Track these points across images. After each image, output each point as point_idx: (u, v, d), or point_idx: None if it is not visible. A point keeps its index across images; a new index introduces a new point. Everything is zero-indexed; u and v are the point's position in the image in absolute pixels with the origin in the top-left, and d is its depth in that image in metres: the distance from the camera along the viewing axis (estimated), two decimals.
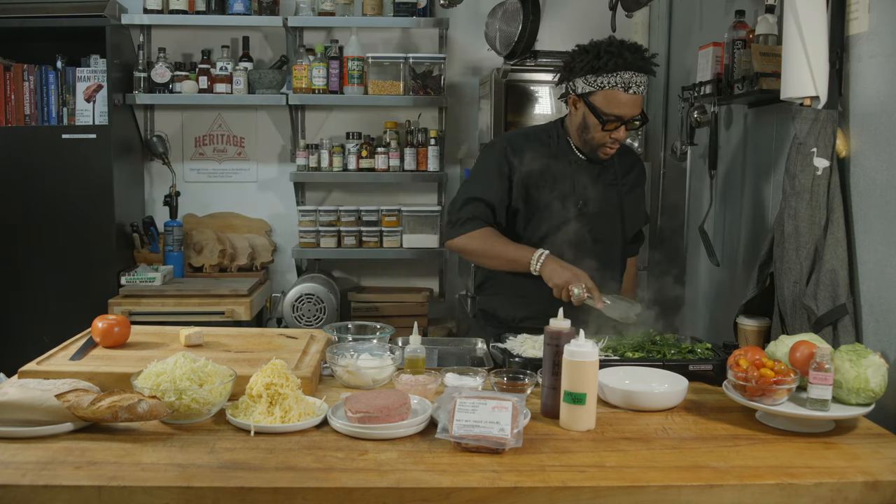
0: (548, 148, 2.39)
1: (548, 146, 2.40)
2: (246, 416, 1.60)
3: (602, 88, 2.23)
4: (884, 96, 1.87)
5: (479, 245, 2.36)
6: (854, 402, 1.64)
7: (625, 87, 2.21)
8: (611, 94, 2.22)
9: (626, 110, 2.24)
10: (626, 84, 2.21)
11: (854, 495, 1.39)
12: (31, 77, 3.54)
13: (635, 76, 2.22)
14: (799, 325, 2.01)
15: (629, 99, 2.23)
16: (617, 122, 2.25)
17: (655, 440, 1.57)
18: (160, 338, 2.09)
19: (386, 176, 3.77)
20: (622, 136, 2.30)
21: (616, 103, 2.23)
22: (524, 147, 2.38)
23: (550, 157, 2.38)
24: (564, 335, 1.67)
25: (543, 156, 2.37)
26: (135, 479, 1.34)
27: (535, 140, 2.42)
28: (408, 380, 1.79)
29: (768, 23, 2.35)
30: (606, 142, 2.29)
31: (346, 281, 4.09)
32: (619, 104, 2.23)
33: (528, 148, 2.38)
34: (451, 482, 1.35)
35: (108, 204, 3.49)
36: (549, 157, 2.37)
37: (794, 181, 2.00)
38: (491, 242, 2.35)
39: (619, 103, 2.23)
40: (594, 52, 2.24)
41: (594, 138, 2.30)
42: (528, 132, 2.53)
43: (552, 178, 2.37)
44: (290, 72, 3.72)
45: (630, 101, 2.23)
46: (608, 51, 2.22)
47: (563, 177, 2.38)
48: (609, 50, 2.22)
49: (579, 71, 2.26)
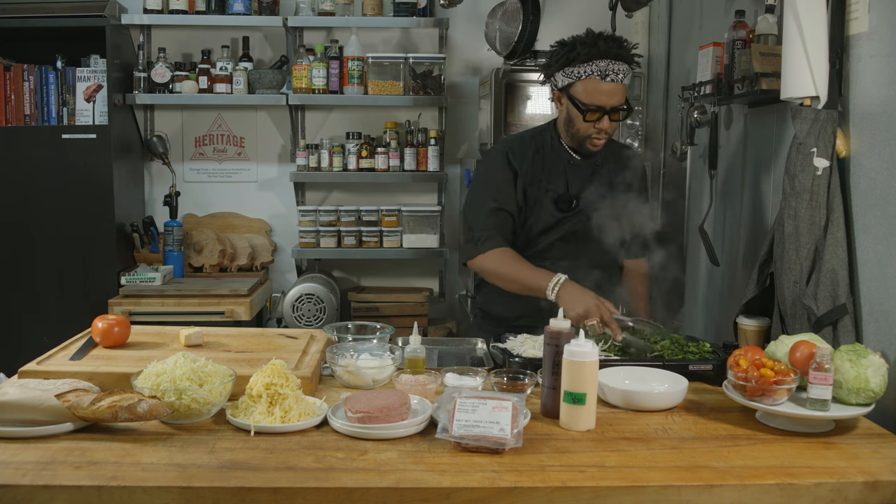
0: (543, 149, 2.42)
1: (543, 147, 2.42)
2: (246, 416, 1.60)
3: (580, 79, 2.25)
4: (884, 96, 1.87)
5: (496, 267, 2.32)
6: (854, 402, 1.64)
7: (602, 75, 2.22)
8: (589, 84, 2.24)
9: (606, 99, 2.24)
10: (603, 72, 2.22)
11: (854, 495, 1.39)
12: (31, 77, 3.54)
13: (612, 64, 2.22)
14: (799, 325, 2.01)
15: (608, 87, 2.23)
16: (598, 113, 2.25)
17: (655, 440, 1.57)
18: (160, 338, 2.09)
19: (386, 176, 3.77)
20: (607, 127, 2.29)
21: (595, 92, 2.24)
22: (522, 150, 2.41)
23: (545, 157, 2.40)
24: (564, 335, 1.67)
25: (539, 156, 2.40)
26: (135, 479, 1.34)
27: (530, 142, 2.44)
28: (408, 380, 1.79)
29: (768, 23, 2.35)
30: (591, 133, 2.30)
31: (346, 281, 4.09)
32: (598, 93, 2.24)
33: (525, 150, 2.41)
34: (451, 482, 1.35)
35: (108, 204, 3.49)
36: (543, 158, 2.40)
37: (794, 181, 2.00)
38: (508, 265, 2.30)
39: (597, 92, 2.24)
40: (570, 45, 2.27)
41: (579, 131, 2.31)
42: (524, 135, 2.54)
43: (547, 179, 2.39)
44: (290, 72, 3.72)
45: (609, 90, 2.23)
46: (583, 42, 2.25)
47: (557, 176, 2.40)
48: (584, 41, 2.25)
49: (557, 65, 2.29)
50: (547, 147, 2.43)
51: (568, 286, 2.17)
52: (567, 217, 2.38)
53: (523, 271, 2.27)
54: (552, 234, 2.39)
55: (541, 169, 2.39)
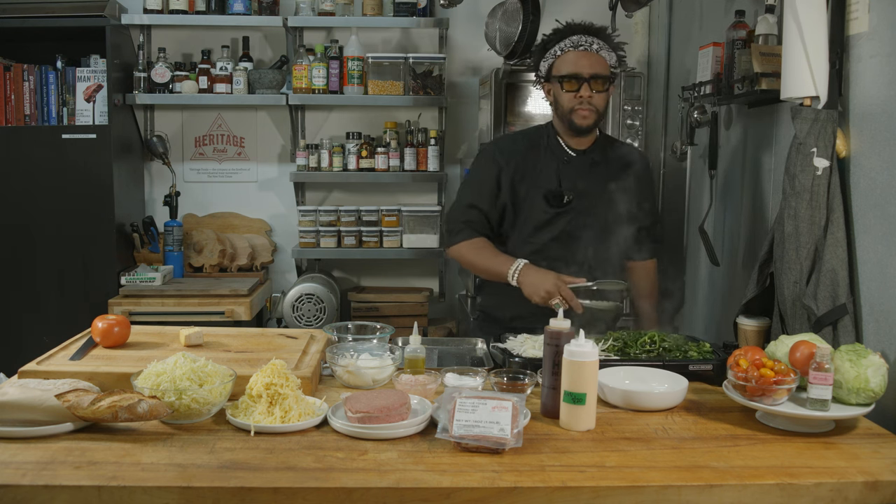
0: (536, 146, 2.45)
1: (537, 144, 2.45)
2: (246, 416, 1.60)
3: (557, 57, 2.36)
4: (884, 96, 1.87)
5: (469, 256, 2.44)
6: (854, 402, 1.64)
7: (574, 46, 2.33)
8: (563, 57, 2.35)
9: (581, 67, 2.32)
10: (576, 44, 2.33)
11: (854, 495, 1.39)
12: (31, 77, 3.54)
13: (584, 37, 2.34)
14: (799, 325, 2.01)
15: (581, 55, 2.33)
16: (575, 81, 2.32)
17: (655, 440, 1.57)
18: (160, 338, 2.09)
19: (386, 176, 3.77)
20: (588, 97, 2.32)
21: (569, 62, 2.33)
22: (511, 147, 2.47)
23: (538, 154, 2.44)
24: (564, 335, 1.67)
25: (530, 153, 2.44)
26: (135, 479, 1.34)
27: (523, 139, 2.50)
28: (408, 380, 1.79)
29: (768, 23, 2.35)
30: (574, 105, 2.34)
31: (346, 281, 4.09)
32: (572, 62, 2.33)
33: (514, 147, 2.46)
34: (451, 482, 1.35)
35: (108, 204, 3.49)
36: (536, 154, 2.43)
37: (794, 181, 2.00)
38: (477, 254, 2.41)
39: (571, 61, 2.33)
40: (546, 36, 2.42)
41: (563, 106, 2.37)
42: (517, 133, 2.61)
43: (538, 174, 2.41)
44: (290, 72, 3.72)
45: (582, 57, 2.33)
46: (555, 29, 2.39)
47: (549, 172, 2.42)
48: (556, 28, 2.39)
49: (537, 56, 2.42)
50: (542, 144, 2.45)
51: (527, 270, 2.25)
52: (560, 213, 2.38)
53: (488, 258, 2.38)
54: (546, 232, 2.39)
55: (533, 165, 2.42)
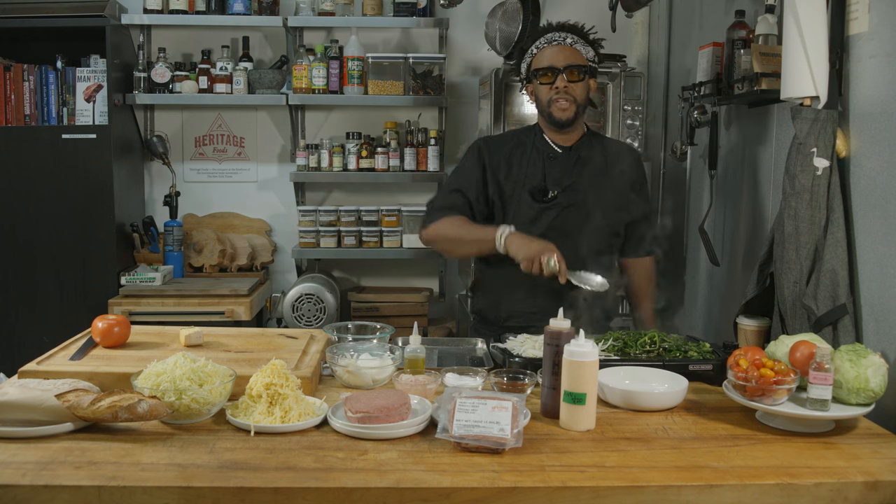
0: (522, 143, 2.47)
1: (523, 142, 2.47)
2: (246, 416, 1.60)
3: (533, 55, 2.42)
4: (884, 96, 1.87)
5: (447, 231, 2.39)
6: (854, 402, 1.64)
7: (548, 42, 2.39)
8: (538, 54, 2.40)
9: (555, 59, 2.36)
10: (550, 39, 2.39)
11: (854, 495, 1.39)
12: (31, 77, 3.54)
13: (557, 34, 2.39)
14: (799, 325, 2.01)
15: (555, 49, 2.37)
16: (550, 73, 2.36)
17: (655, 440, 1.57)
18: (160, 338, 2.09)
19: (386, 176, 3.77)
20: (564, 87, 2.35)
21: (544, 57, 2.38)
22: (498, 144, 2.50)
23: (524, 151, 2.45)
24: (564, 335, 1.67)
25: (516, 150, 2.46)
26: (135, 479, 1.34)
27: (510, 137, 2.53)
28: (408, 380, 1.79)
29: (768, 23, 2.35)
30: (552, 95, 2.37)
31: (346, 281, 4.09)
32: (547, 56, 2.38)
33: (500, 144, 2.49)
34: (451, 482, 1.35)
35: (108, 204, 3.49)
36: (522, 152, 2.45)
37: (794, 181, 2.00)
38: (459, 226, 2.38)
39: (546, 56, 2.38)
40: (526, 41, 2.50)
41: (542, 100, 2.41)
42: (506, 133, 2.65)
43: (524, 171, 2.42)
44: (290, 72, 3.72)
45: (556, 50, 2.37)
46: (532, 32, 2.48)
47: (535, 168, 2.43)
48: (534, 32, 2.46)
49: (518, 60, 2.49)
50: (528, 143, 2.46)
51: (516, 236, 2.24)
52: (545, 209, 2.38)
53: (470, 229, 2.37)
54: (533, 228, 2.36)
55: (518, 163, 2.44)
